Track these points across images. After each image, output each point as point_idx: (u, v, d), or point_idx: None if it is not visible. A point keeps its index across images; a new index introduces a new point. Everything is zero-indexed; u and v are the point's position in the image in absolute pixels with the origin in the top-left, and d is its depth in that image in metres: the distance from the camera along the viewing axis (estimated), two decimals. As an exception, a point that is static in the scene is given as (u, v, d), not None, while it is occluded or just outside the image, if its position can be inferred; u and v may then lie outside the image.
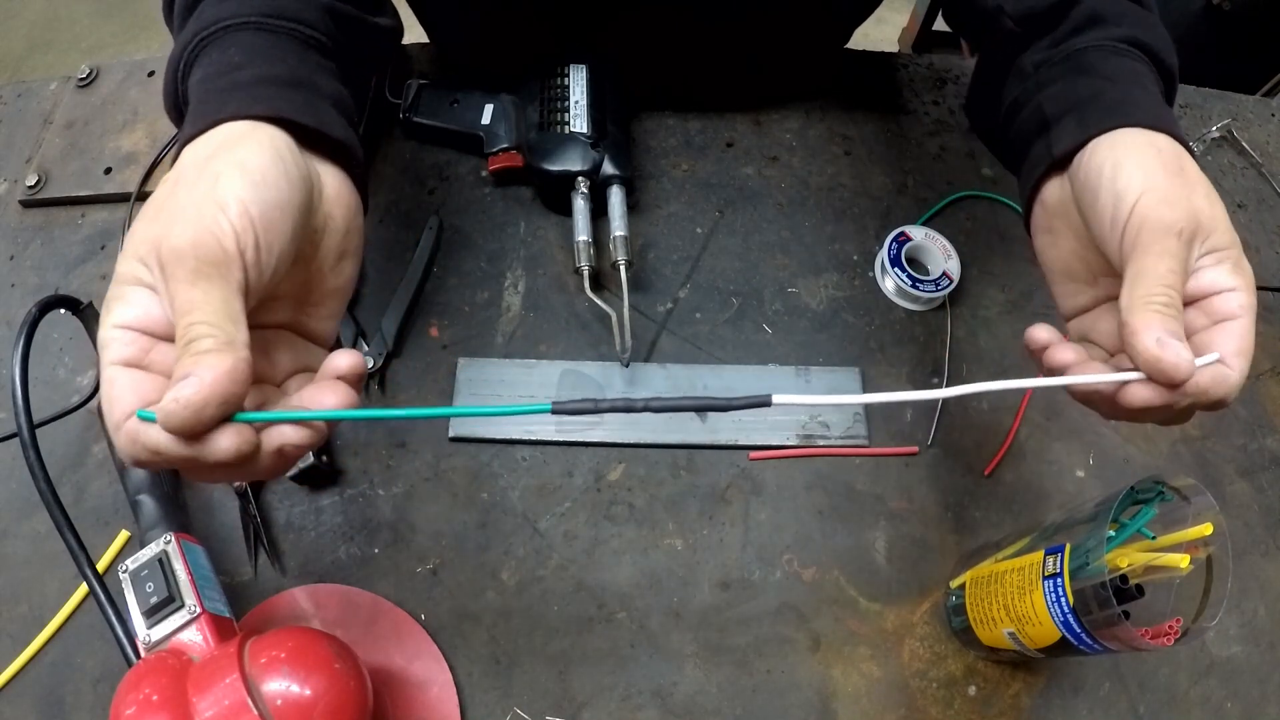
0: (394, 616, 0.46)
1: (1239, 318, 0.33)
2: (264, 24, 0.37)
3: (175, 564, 0.39)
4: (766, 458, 0.51)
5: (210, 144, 0.32)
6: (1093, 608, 0.36)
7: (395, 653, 0.45)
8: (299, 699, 0.33)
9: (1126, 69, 0.39)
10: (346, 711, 0.34)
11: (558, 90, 0.58)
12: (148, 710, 0.32)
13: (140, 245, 0.30)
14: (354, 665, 0.35)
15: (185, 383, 0.27)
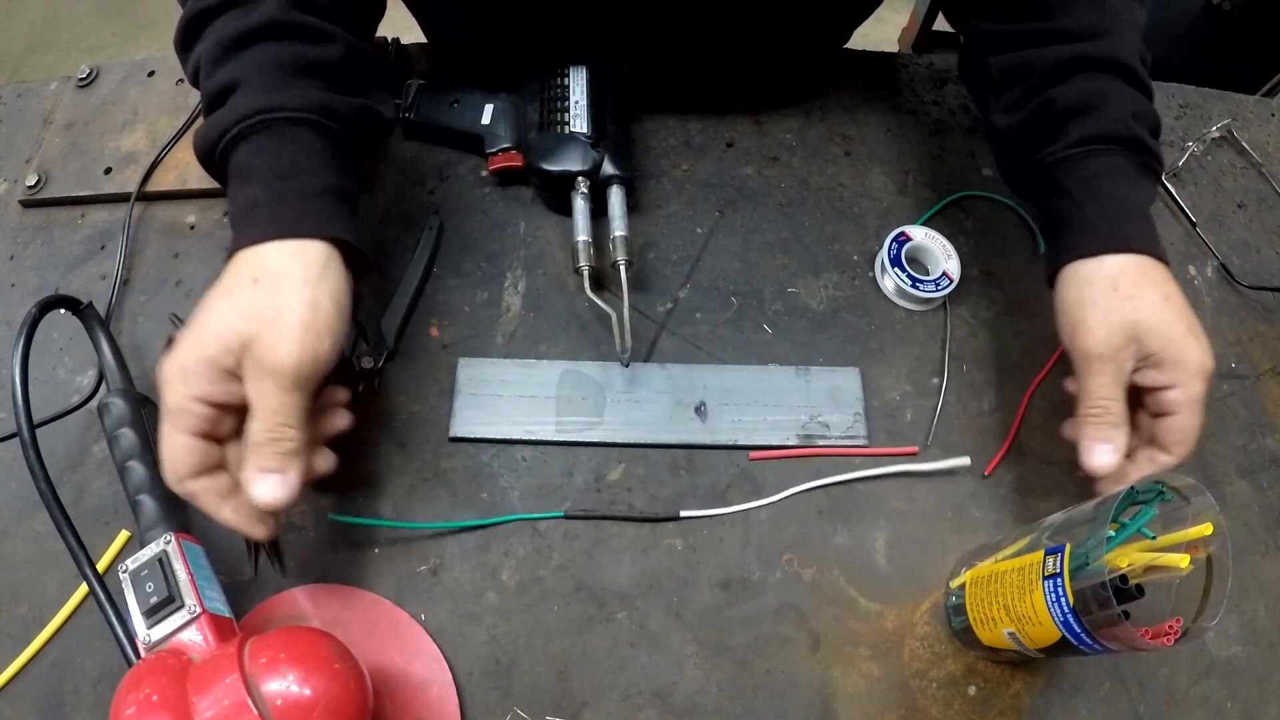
0: (394, 616, 0.46)
1: (1174, 413, 0.42)
2: (320, 124, 0.42)
3: (175, 564, 0.39)
4: (766, 458, 0.51)
5: (298, 260, 0.39)
6: (1093, 608, 0.36)
7: (395, 653, 0.45)
8: (299, 699, 0.33)
9: (1095, 181, 0.46)
10: (346, 711, 0.34)
11: (558, 90, 0.58)
12: (148, 710, 0.32)
13: (230, 336, 0.37)
14: (354, 665, 0.35)
15: (279, 479, 0.38)
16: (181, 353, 0.37)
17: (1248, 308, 0.61)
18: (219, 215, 0.59)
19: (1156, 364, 0.42)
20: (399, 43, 0.67)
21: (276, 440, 0.37)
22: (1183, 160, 0.66)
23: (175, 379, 0.37)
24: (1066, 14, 0.48)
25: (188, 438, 0.37)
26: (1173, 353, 0.42)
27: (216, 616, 0.39)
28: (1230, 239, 0.64)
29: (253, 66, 0.42)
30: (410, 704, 0.43)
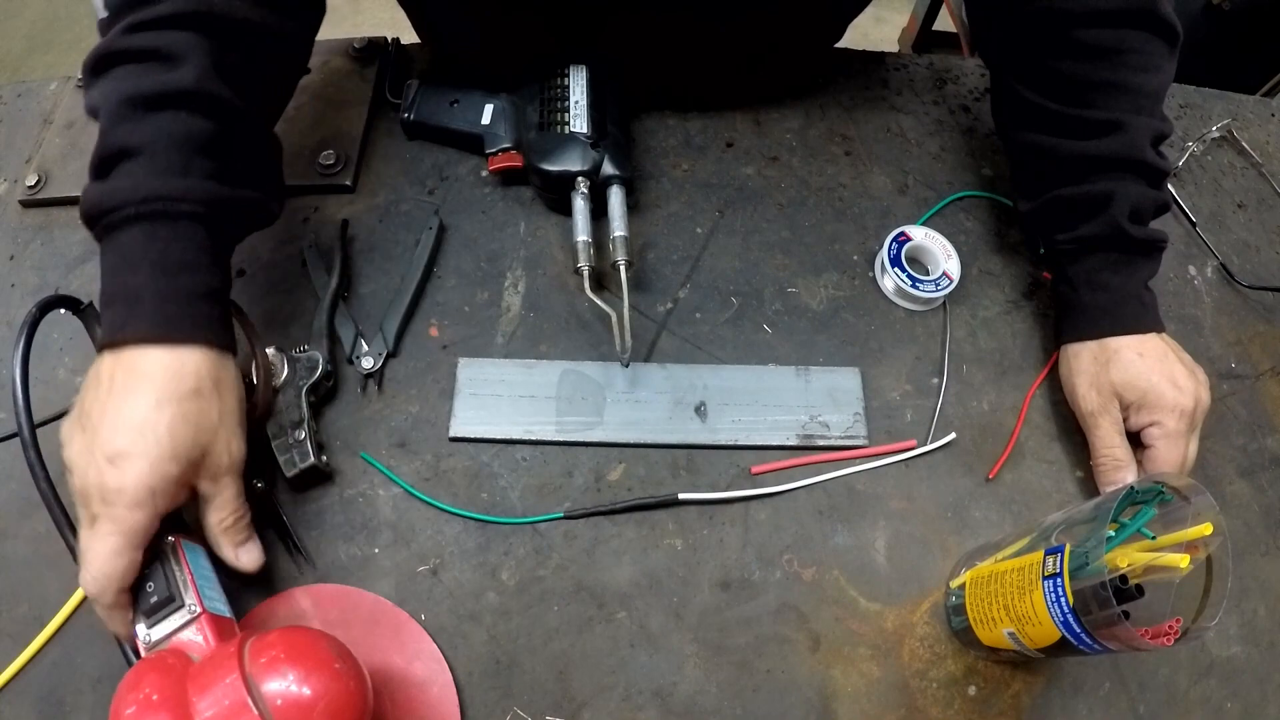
0: (394, 617, 0.46)
1: (1155, 446, 0.50)
2: (212, 220, 0.43)
3: (175, 565, 0.39)
4: (768, 470, 0.51)
5: (220, 366, 0.42)
6: (1093, 608, 0.36)
7: (395, 653, 0.45)
8: (299, 699, 0.33)
9: (1094, 274, 0.53)
10: (347, 711, 0.34)
11: (558, 90, 0.58)
12: (148, 710, 0.32)
13: (193, 450, 0.40)
14: (354, 665, 0.35)
15: (253, 545, 0.44)
16: (140, 470, 0.38)
17: (1248, 308, 0.61)
18: (219, 215, 0.59)
19: (1138, 409, 0.50)
20: (399, 42, 0.67)
21: (240, 518, 0.43)
22: (1183, 160, 0.66)
23: (143, 502, 0.38)
24: (1092, 105, 0.52)
25: (139, 554, 0.38)
26: (1149, 399, 0.50)
27: (217, 616, 0.39)
28: (1230, 239, 0.64)
29: (157, 137, 0.42)
30: (411, 704, 0.43)
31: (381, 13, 1.84)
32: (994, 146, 0.66)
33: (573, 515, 0.49)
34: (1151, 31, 0.51)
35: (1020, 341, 0.57)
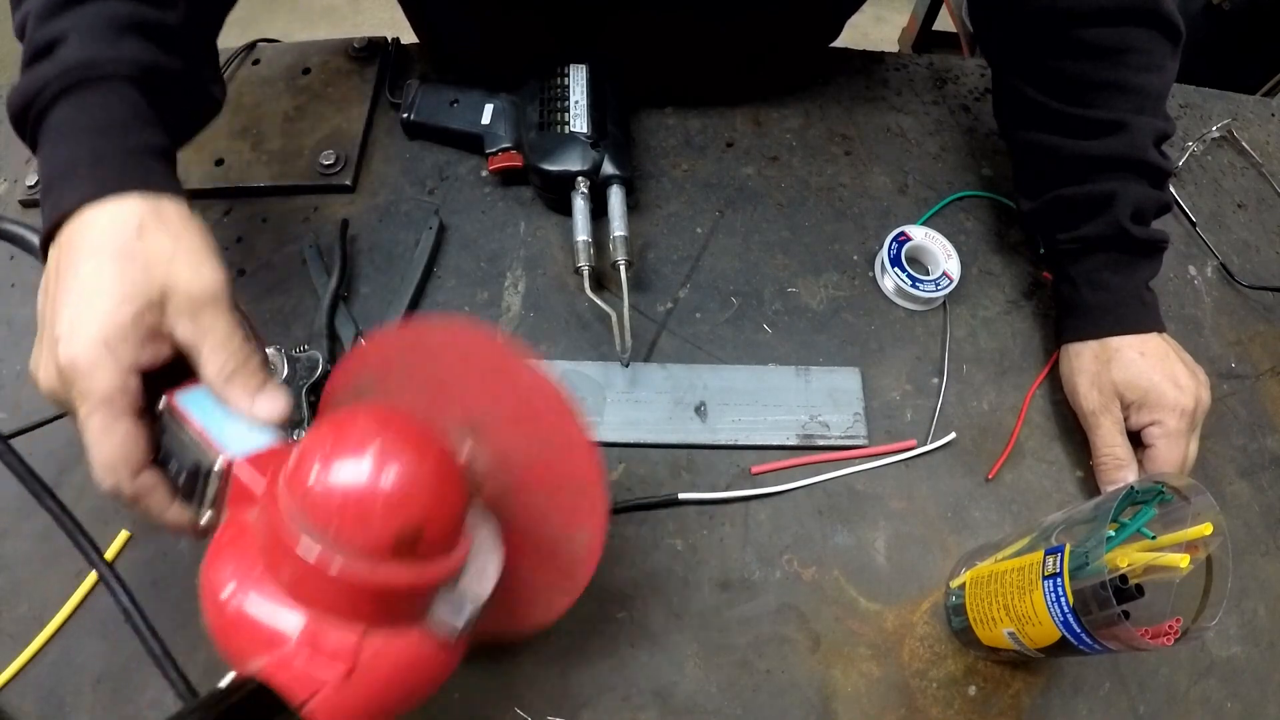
0: (539, 388, 0.35)
1: (1155, 445, 0.50)
2: (147, 84, 0.40)
3: (178, 426, 0.35)
4: (768, 470, 0.51)
5: (167, 205, 0.37)
6: (1093, 608, 0.36)
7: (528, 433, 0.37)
8: (350, 506, 0.28)
9: (1094, 273, 0.53)
10: (418, 500, 0.29)
11: (558, 90, 0.58)
12: (236, 591, 0.30)
13: (148, 288, 0.34)
14: (415, 444, 0.30)
15: (270, 392, 0.36)
16: (90, 329, 0.33)
17: (1248, 308, 0.61)
18: (219, 215, 0.59)
19: (1138, 409, 0.51)
20: (399, 42, 0.67)
21: (245, 360, 0.36)
22: (1183, 160, 0.66)
23: (99, 359, 0.33)
24: (1094, 105, 0.52)
25: (131, 421, 0.34)
26: (1150, 398, 0.50)
27: (253, 455, 0.34)
28: (1230, 239, 0.64)
29: (83, 20, 0.39)
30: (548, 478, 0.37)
31: (381, 13, 1.85)
32: (994, 146, 0.66)
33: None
34: (1154, 29, 0.51)
35: (1020, 341, 0.57)
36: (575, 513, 0.35)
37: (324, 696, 0.28)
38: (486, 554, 0.34)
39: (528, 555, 0.37)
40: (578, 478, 0.35)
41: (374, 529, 0.28)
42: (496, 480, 0.36)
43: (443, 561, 0.30)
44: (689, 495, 0.49)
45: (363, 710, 0.30)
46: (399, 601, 0.30)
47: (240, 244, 0.57)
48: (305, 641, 0.29)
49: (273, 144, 0.60)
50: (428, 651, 0.31)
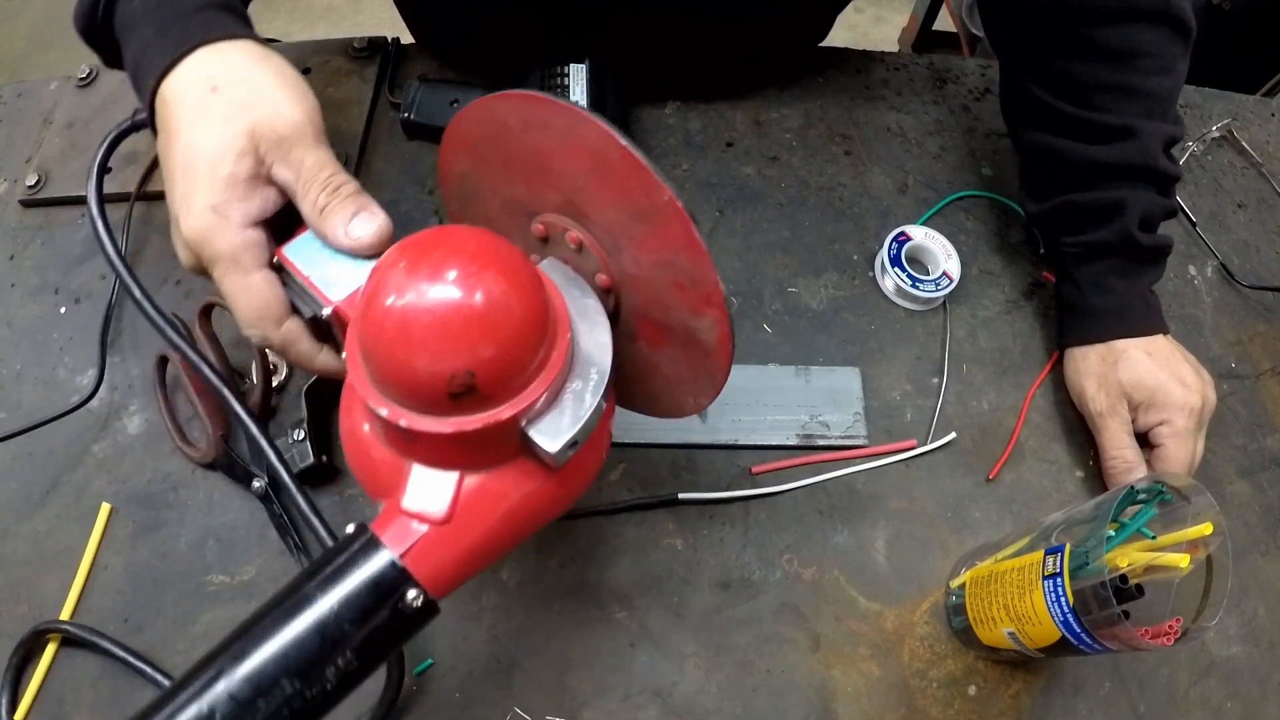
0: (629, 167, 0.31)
1: (1163, 444, 0.50)
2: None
3: (293, 279, 0.36)
4: (768, 469, 0.51)
5: (236, 54, 0.37)
6: (1092, 607, 0.36)
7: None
8: (396, 365, 0.28)
9: (1100, 277, 0.53)
10: (458, 351, 0.27)
11: (557, 90, 0.58)
12: (357, 438, 0.32)
13: (236, 140, 0.35)
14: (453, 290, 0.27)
15: (370, 214, 0.35)
16: (199, 198, 0.34)
17: (1248, 308, 0.61)
18: (219, 215, 0.59)
19: (1146, 409, 0.51)
20: (399, 42, 0.67)
21: (337, 191, 0.36)
22: (1183, 160, 0.66)
23: (213, 224, 0.34)
24: (1104, 109, 0.51)
25: (263, 275, 0.35)
26: (1158, 398, 0.50)
27: (351, 295, 0.34)
28: (1230, 239, 0.64)
29: None
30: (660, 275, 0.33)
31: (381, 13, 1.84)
32: (994, 146, 0.66)
33: (573, 515, 0.49)
34: (1165, 27, 0.50)
35: (1020, 341, 0.57)
36: (694, 299, 0.32)
37: (425, 543, 0.29)
38: (592, 363, 0.31)
39: (664, 343, 0.35)
40: (685, 258, 0.31)
41: (424, 385, 0.27)
42: (614, 263, 0.34)
43: (519, 399, 0.29)
44: (689, 495, 0.49)
45: (471, 551, 0.30)
46: (482, 443, 0.29)
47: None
48: (405, 491, 0.30)
49: (273, 144, 0.60)
50: (535, 482, 0.31)
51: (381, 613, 0.28)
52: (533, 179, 0.34)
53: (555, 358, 0.29)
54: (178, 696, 0.27)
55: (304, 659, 0.27)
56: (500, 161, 0.35)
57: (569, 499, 0.33)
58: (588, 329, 0.32)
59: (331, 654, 0.27)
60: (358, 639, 0.28)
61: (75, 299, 0.56)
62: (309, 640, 0.27)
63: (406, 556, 0.29)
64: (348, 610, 0.28)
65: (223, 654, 0.27)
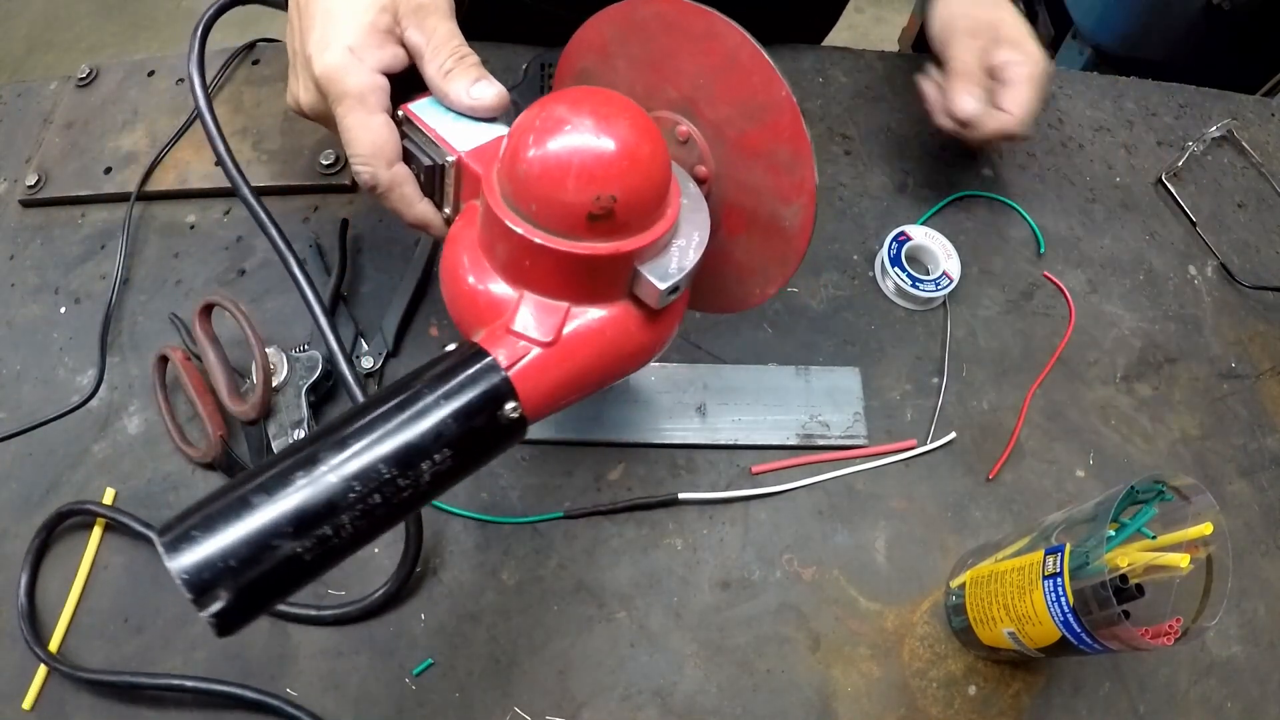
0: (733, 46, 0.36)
1: (1015, 84, 0.53)
2: None
3: (417, 130, 0.39)
4: (768, 469, 0.51)
5: None
6: (1093, 607, 0.36)
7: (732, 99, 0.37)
8: (547, 179, 0.30)
9: None
10: (610, 173, 0.30)
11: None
12: (462, 272, 0.35)
13: (373, 4, 0.37)
14: (609, 120, 0.31)
15: (488, 81, 0.39)
16: (339, 39, 0.37)
17: (1248, 307, 0.61)
18: (219, 215, 0.59)
19: (1010, 46, 0.54)
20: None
21: (462, 59, 0.39)
22: (1183, 160, 0.66)
23: (348, 63, 0.37)
24: None
25: (384, 117, 0.38)
26: (1022, 43, 0.54)
27: (479, 148, 0.37)
28: (1230, 239, 0.64)
29: None
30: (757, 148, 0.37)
31: (381, 13, 1.85)
32: (994, 146, 0.66)
33: (573, 515, 0.49)
34: None
35: (1020, 341, 0.57)
36: (787, 187, 0.36)
37: (529, 362, 0.32)
38: (694, 227, 0.35)
39: (744, 231, 0.38)
40: (788, 149, 0.35)
41: (569, 200, 0.30)
42: (713, 156, 0.38)
43: (642, 235, 0.32)
44: (689, 495, 0.50)
45: (567, 378, 0.33)
46: (600, 274, 0.32)
47: (240, 244, 0.57)
48: (516, 314, 0.33)
49: (273, 144, 0.60)
50: (633, 324, 0.34)
51: (481, 417, 0.30)
52: (654, 76, 0.38)
53: (670, 212, 0.33)
54: (280, 464, 0.27)
55: (404, 448, 0.28)
56: (627, 59, 0.39)
57: (655, 346, 0.36)
58: (690, 204, 0.36)
59: (430, 449, 0.29)
60: (456, 437, 0.29)
61: (75, 299, 0.56)
62: (412, 430, 0.29)
63: (512, 369, 0.31)
64: (451, 409, 0.29)
65: (326, 436, 0.28)
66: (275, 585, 0.26)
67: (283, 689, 0.44)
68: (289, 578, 0.27)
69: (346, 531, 0.27)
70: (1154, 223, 0.64)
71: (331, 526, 0.27)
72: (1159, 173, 0.66)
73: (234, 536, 0.25)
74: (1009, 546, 0.44)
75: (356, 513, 0.27)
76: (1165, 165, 0.66)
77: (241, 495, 0.26)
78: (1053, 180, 0.65)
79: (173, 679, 0.43)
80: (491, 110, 0.39)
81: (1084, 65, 1.19)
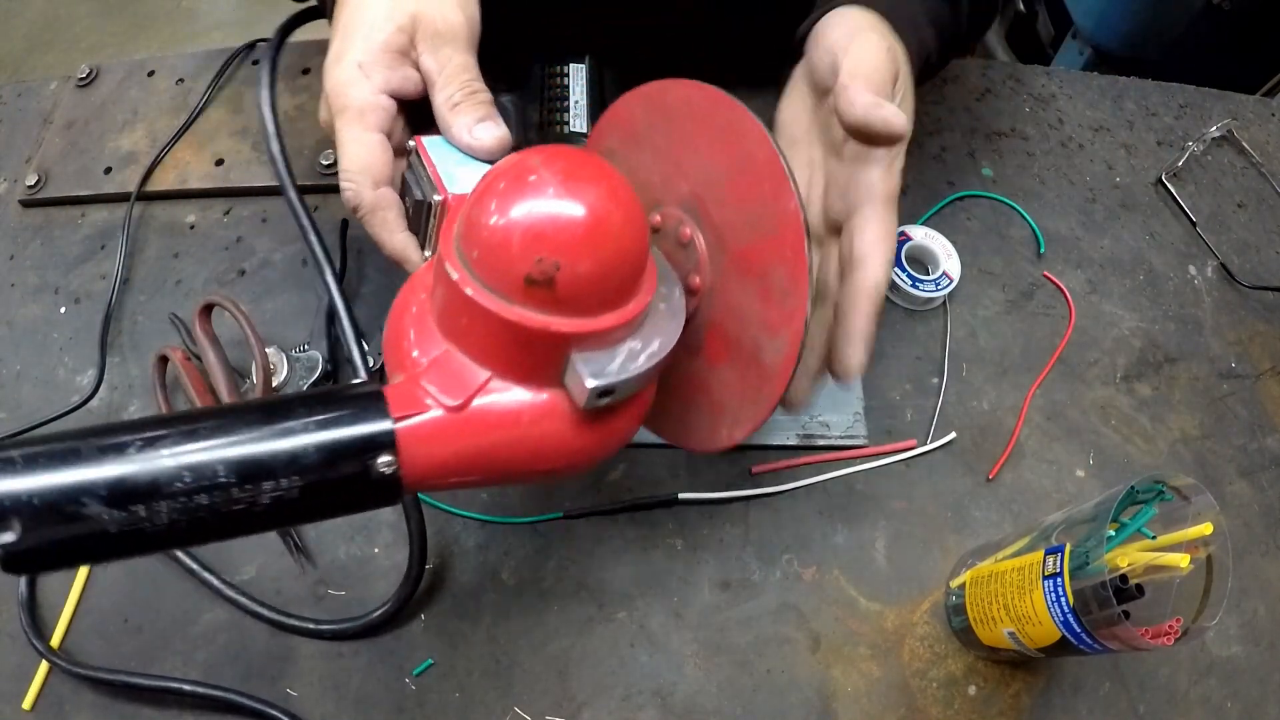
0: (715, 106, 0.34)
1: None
2: None
3: (420, 164, 0.38)
4: (768, 470, 0.51)
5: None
6: (1093, 607, 0.36)
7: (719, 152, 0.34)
8: (495, 232, 0.28)
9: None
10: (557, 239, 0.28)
11: (558, 90, 0.58)
12: (403, 314, 0.32)
13: (397, 15, 0.37)
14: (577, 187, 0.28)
15: (493, 123, 0.38)
16: (351, 54, 0.37)
17: (1248, 308, 0.61)
18: (219, 215, 0.59)
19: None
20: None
21: (472, 94, 0.38)
22: (1183, 160, 0.66)
23: (354, 78, 0.37)
24: None
25: (378, 136, 0.38)
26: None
27: (462, 195, 0.36)
28: (1230, 239, 0.64)
29: None
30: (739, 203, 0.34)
31: (381, 13, 1.85)
32: (994, 146, 0.66)
33: (573, 515, 0.49)
34: None
35: (1020, 341, 0.57)
36: (775, 317, 0.33)
37: (425, 423, 0.29)
38: (658, 334, 0.31)
39: (725, 360, 0.35)
40: (784, 272, 0.32)
41: (510, 256, 0.27)
42: (711, 267, 0.35)
43: (584, 319, 0.29)
44: (689, 495, 0.50)
45: (464, 453, 0.30)
46: (529, 349, 0.29)
47: (240, 244, 0.57)
48: (431, 368, 0.30)
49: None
50: (559, 420, 0.30)
51: (348, 460, 0.27)
52: (671, 168, 0.36)
53: (631, 306, 0.30)
54: (128, 430, 0.26)
55: (250, 459, 0.26)
56: (650, 145, 0.37)
57: (584, 455, 0.32)
58: (666, 312, 0.33)
59: (278, 470, 0.26)
60: (312, 469, 0.27)
61: (75, 299, 0.56)
62: (267, 444, 0.26)
63: (402, 423, 0.28)
64: (317, 439, 0.27)
65: (183, 420, 0.27)
66: (71, 544, 0.25)
67: (283, 689, 0.44)
68: (88, 541, 0.25)
69: (161, 520, 0.25)
70: (1154, 223, 0.64)
71: (146, 508, 0.25)
72: (1159, 173, 0.66)
73: (49, 480, 0.24)
74: (1009, 546, 0.44)
75: (177, 504, 0.25)
76: (1165, 165, 0.66)
77: (75, 446, 0.25)
78: (1053, 180, 0.65)
79: (173, 681, 0.43)
80: (490, 153, 0.38)
81: (1084, 65, 1.19)
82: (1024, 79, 0.70)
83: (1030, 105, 0.69)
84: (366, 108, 0.37)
